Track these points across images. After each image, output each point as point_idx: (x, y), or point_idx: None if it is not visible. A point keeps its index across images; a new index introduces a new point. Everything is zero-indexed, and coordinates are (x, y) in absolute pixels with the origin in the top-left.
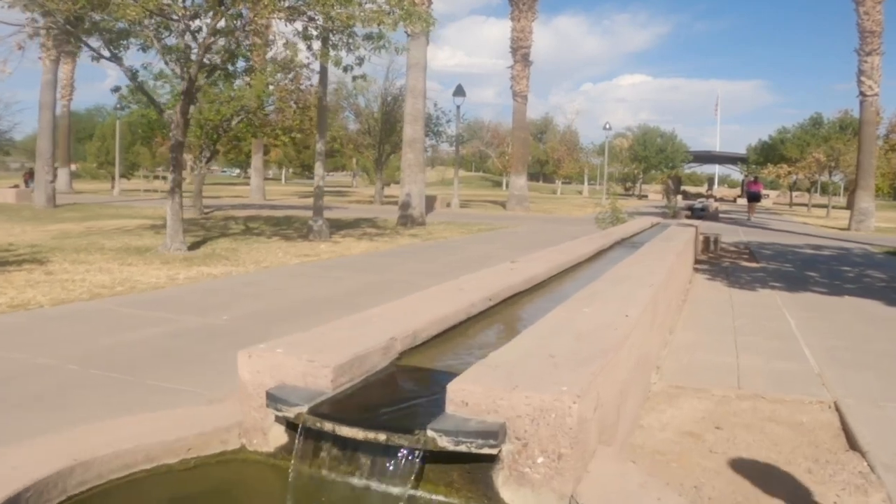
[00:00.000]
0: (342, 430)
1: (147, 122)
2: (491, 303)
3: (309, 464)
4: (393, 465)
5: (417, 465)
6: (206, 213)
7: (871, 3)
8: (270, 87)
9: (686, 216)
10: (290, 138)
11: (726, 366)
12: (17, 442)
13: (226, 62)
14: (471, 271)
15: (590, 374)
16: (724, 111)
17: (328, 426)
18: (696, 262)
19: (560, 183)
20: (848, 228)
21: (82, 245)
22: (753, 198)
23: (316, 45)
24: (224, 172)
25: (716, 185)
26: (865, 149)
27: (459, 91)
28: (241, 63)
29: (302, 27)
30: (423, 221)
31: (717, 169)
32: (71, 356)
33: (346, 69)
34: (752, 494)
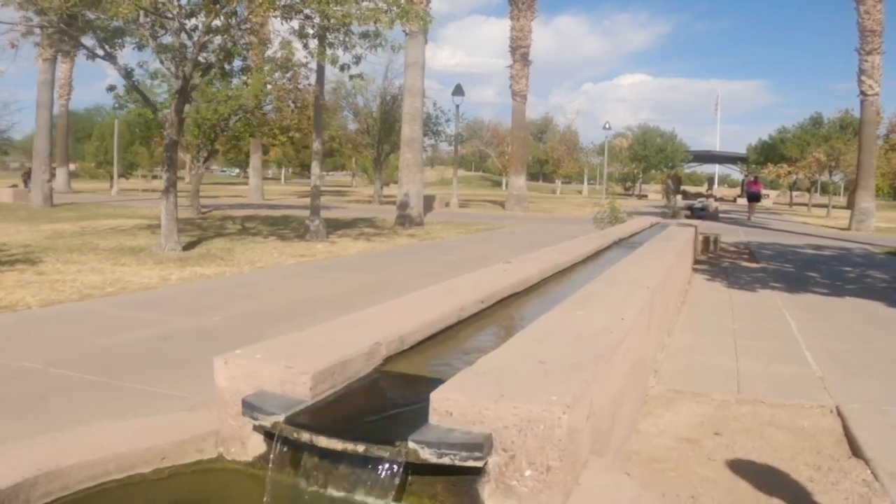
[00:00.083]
0: (320, 441)
1: (144, 121)
2: (483, 305)
3: (287, 475)
4: (374, 476)
5: (399, 477)
6: (203, 213)
7: (871, 2)
8: (268, 87)
9: (686, 216)
10: (288, 138)
11: (725, 369)
12: None
13: (222, 61)
14: (467, 271)
15: (582, 382)
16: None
17: (305, 436)
18: (696, 262)
19: (560, 183)
20: (848, 228)
21: (76, 245)
22: (753, 197)
23: (312, 43)
24: (224, 172)
25: (716, 185)
26: (866, 148)
27: (458, 90)
28: (238, 62)
29: (298, 25)
30: (421, 221)
31: (717, 169)
32: (55, 359)
33: (342, 68)
34: None
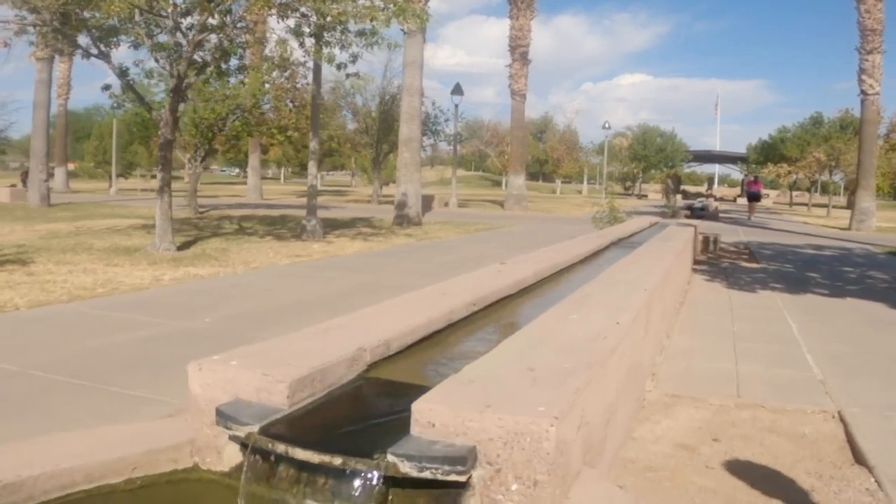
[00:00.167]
0: (295, 453)
1: (141, 120)
2: (475, 308)
3: (261, 487)
4: (352, 490)
5: (379, 491)
6: (200, 213)
7: (871, 1)
8: (266, 86)
9: (685, 216)
10: (286, 137)
11: (725, 372)
12: None
13: (218, 60)
14: (465, 271)
15: (572, 391)
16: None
17: (280, 447)
18: (695, 262)
19: (559, 182)
20: (849, 228)
21: (70, 245)
22: (753, 197)
23: (309, 42)
24: (223, 172)
25: (716, 185)
26: (866, 148)
27: (458, 90)
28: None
29: (294, 24)
30: (419, 221)
31: (716, 168)
32: (37, 362)
33: (339, 67)
34: None
